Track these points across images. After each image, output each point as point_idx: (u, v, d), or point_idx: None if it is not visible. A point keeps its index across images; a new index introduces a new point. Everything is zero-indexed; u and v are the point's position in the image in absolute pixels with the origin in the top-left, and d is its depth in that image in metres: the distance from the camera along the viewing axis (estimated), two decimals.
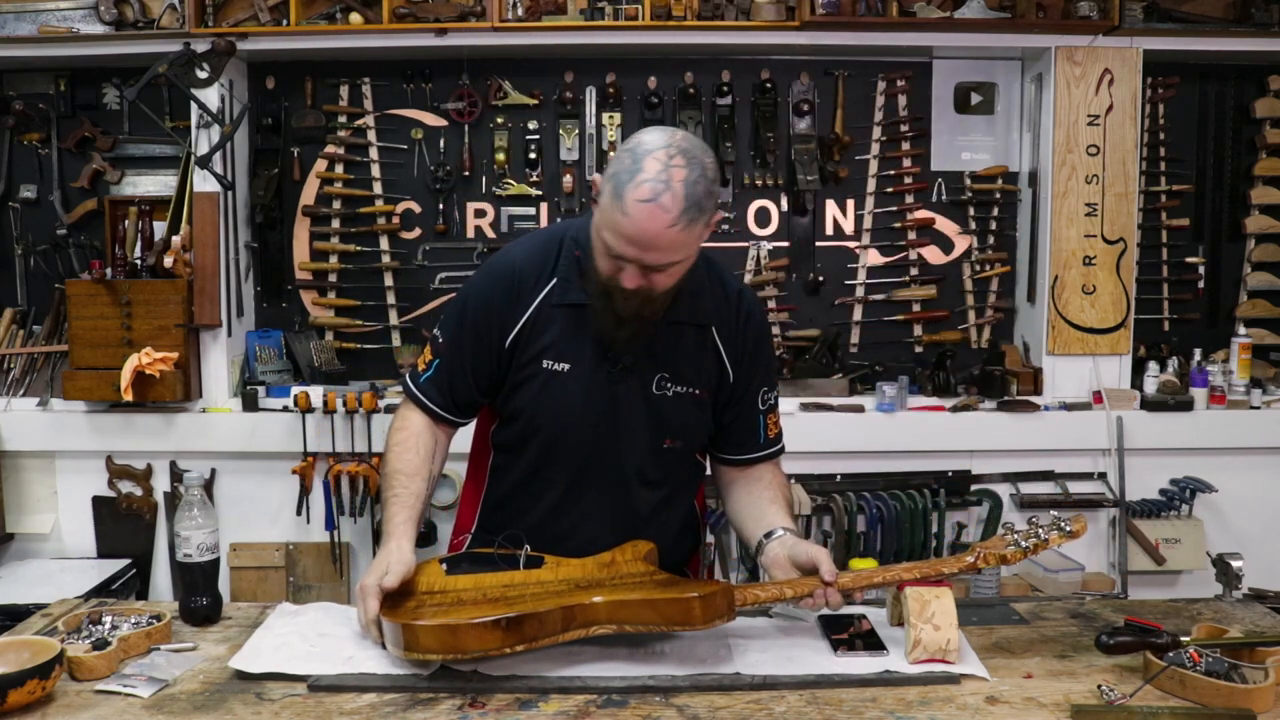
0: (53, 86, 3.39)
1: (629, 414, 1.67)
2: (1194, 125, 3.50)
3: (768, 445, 1.80)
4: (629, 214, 1.46)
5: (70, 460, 3.30)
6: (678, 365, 1.69)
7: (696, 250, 1.57)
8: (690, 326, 1.68)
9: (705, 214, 1.49)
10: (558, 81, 3.40)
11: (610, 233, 1.50)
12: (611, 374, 1.66)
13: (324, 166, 3.41)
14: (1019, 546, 1.57)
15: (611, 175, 1.49)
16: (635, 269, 1.51)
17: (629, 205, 1.46)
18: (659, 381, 1.68)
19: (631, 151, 1.49)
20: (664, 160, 1.46)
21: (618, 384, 1.67)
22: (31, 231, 3.43)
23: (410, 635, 1.43)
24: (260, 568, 3.28)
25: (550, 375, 1.66)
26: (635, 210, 1.46)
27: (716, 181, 1.52)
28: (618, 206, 1.47)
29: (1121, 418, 3.25)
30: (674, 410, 1.69)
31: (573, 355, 1.66)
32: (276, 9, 3.15)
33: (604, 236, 1.52)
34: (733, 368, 1.73)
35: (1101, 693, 1.39)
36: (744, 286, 1.79)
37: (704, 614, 1.44)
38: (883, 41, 3.28)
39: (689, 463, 1.81)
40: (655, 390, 1.68)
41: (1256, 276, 3.52)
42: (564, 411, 1.66)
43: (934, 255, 3.50)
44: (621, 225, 1.47)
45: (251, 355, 3.34)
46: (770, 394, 1.78)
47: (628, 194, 1.46)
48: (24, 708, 1.36)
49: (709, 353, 1.71)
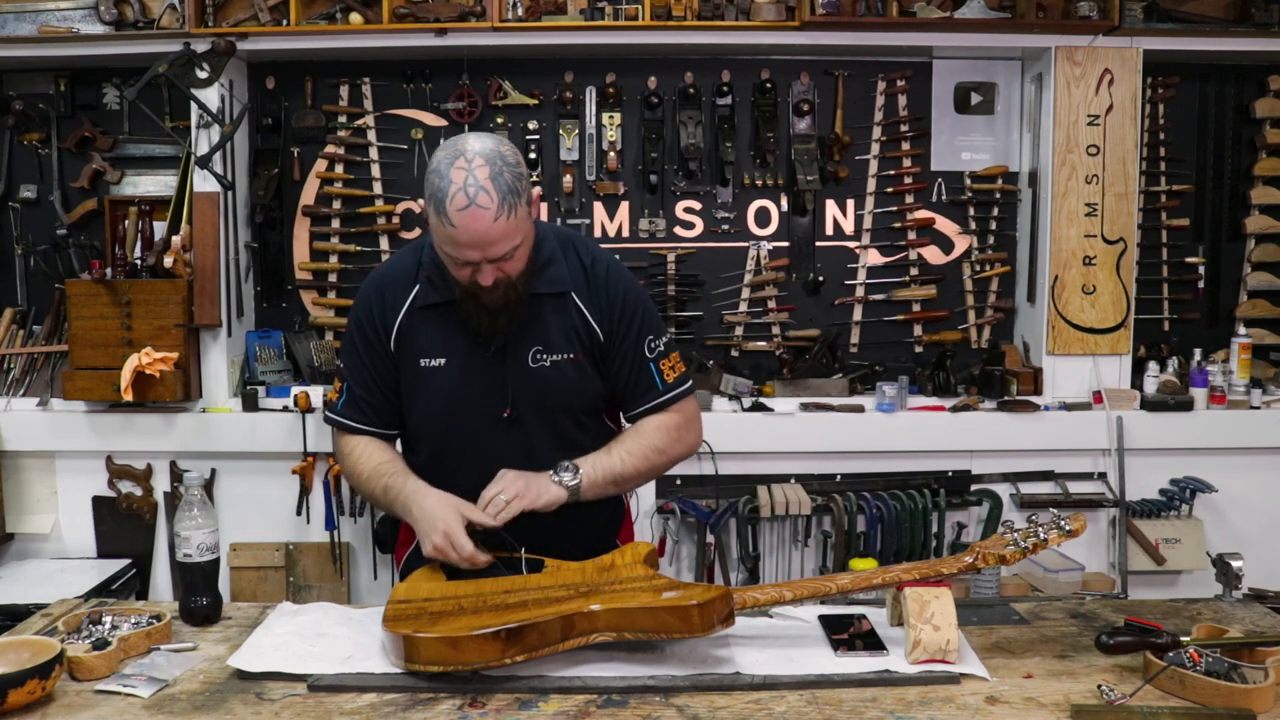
0: (53, 86, 3.39)
1: (513, 391, 1.75)
2: (1194, 125, 3.50)
3: (669, 389, 1.84)
4: (456, 224, 1.58)
5: (70, 460, 3.30)
6: (547, 335, 1.77)
7: (531, 229, 1.69)
8: (549, 297, 1.77)
9: (522, 196, 1.62)
10: (558, 81, 3.40)
11: (449, 246, 1.62)
12: (487, 358, 1.75)
13: (324, 166, 3.41)
14: (1018, 546, 1.57)
15: (429, 198, 1.61)
16: (487, 267, 1.63)
17: (453, 218, 1.58)
18: (534, 354, 1.77)
19: (436, 172, 1.60)
20: (465, 167, 1.58)
21: (496, 366, 1.75)
22: (31, 231, 3.43)
23: (411, 647, 1.43)
24: (260, 568, 3.28)
25: (430, 372, 1.76)
26: (460, 220, 1.57)
27: (520, 164, 1.63)
28: (444, 222, 1.59)
29: (1121, 418, 3.25)
30: (554, 377, 1.77)
31: (447, 350, 1.76)
32: (276, 9, 3.15)
33: (445, 251, 1.64)
34: (599, 325, 1.79)
35: (1101, 693, 1.39)
36: (602, 254, 1.85)
37: (703, 621, 1.44)
38: (883, 41, 3.28)
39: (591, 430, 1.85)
40: (533, 363, 1.76)
41: (1256, 276, 3.52)
42: (452, 402, 1.76)
43: (934, 255, 3.51)
44: (455, 236, 1.59)
45: (251, 355, 3.34)
46: (658, 341, 1.84)
47: (448, 208, 1.57)
48: (24, 708, 1.36)
49: (573, 317, 1.79)
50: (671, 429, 1.84)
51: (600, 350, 1.81)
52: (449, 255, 1.64)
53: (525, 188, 1.63)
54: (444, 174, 1.58)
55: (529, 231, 1.67)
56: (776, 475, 3.23)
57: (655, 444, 1.82)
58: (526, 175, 1.65)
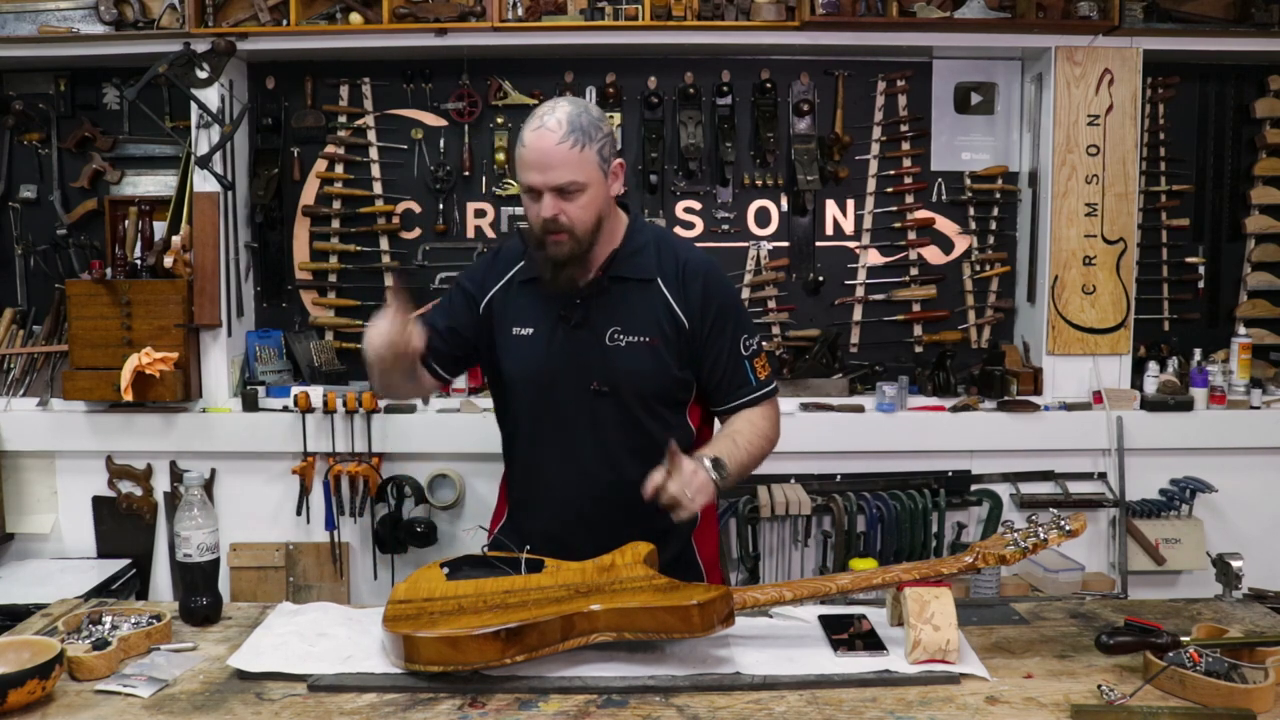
0: (53, 86, 3.39)
1: (595, 367, 1.86)
2: (1194, 125, 3.50)
3: (760, 387, 1.97)
4: (526, 144, 1.77)
5: (70, 460, 3.30)
6: (627, 317, 1.88)
7: (602, 184, 1.82)
8: (634, 282, 1.89)
9: (594, 141, 1.78)
10: (558, 81, 3.40)
11: (520, 173, 1.80)
12: (568, 332, 1.87)
13: (324, 166, 3.41)
14: (1018, 546, 1.57)
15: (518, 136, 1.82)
16: (549, 196, 1.77)
17: (524, 138, 1.78)
18: (612, 334, 1.88)
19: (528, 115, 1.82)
20: (552, 106, 1.80)
21: (575, 340, 1.87)
22: (31, 231, 3.43)
23: (411, 647, 1.43)
24: (260, 568, 3.28)
25: (520, 340, 1.92)
26: (530, 139, 1.77)
27: (604, 121, 1.82)
28: (519, 146, 1.79)
29: (1121, 418, 3.25)
30: (628, 358, 1.87)
31: (535, 321, 1.91)
32: (276, 9, 3.15)
33: (518, 182, 1.83)
34: (686, 316, 1.90)
35: (1101, 693, 1.39)
36: (699, 254, 1.99)
37: (703, 621, 1.44)
38: (883, 41, 3.28)
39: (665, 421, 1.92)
40: (609, 342, 1.87)
41: (1256, 276, 3.51)
42: (534, 367, 1.90)
43: (934, 255, 3.50)
44: (524, 157, 1.78)
45: (251, 355, 3.34)
46: (751, 340, 1.96)
47: (523, 133, 1.78)
48: (24, 708, 1.36)
49: (657, 304, 1.89)
50: (770, 421, 1.97)
51: (685, 340, 1.90)
52: (520, 186, 1.81)
53: (601, 138, 1.80)
54: (533, 112, 1.80)
55: (597, 182, 1.81)
56: (776, 475, 3.23)
57: (763, 432, 1.94)
58: (609, 134, 1.83)
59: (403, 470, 3.23)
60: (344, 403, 3.14)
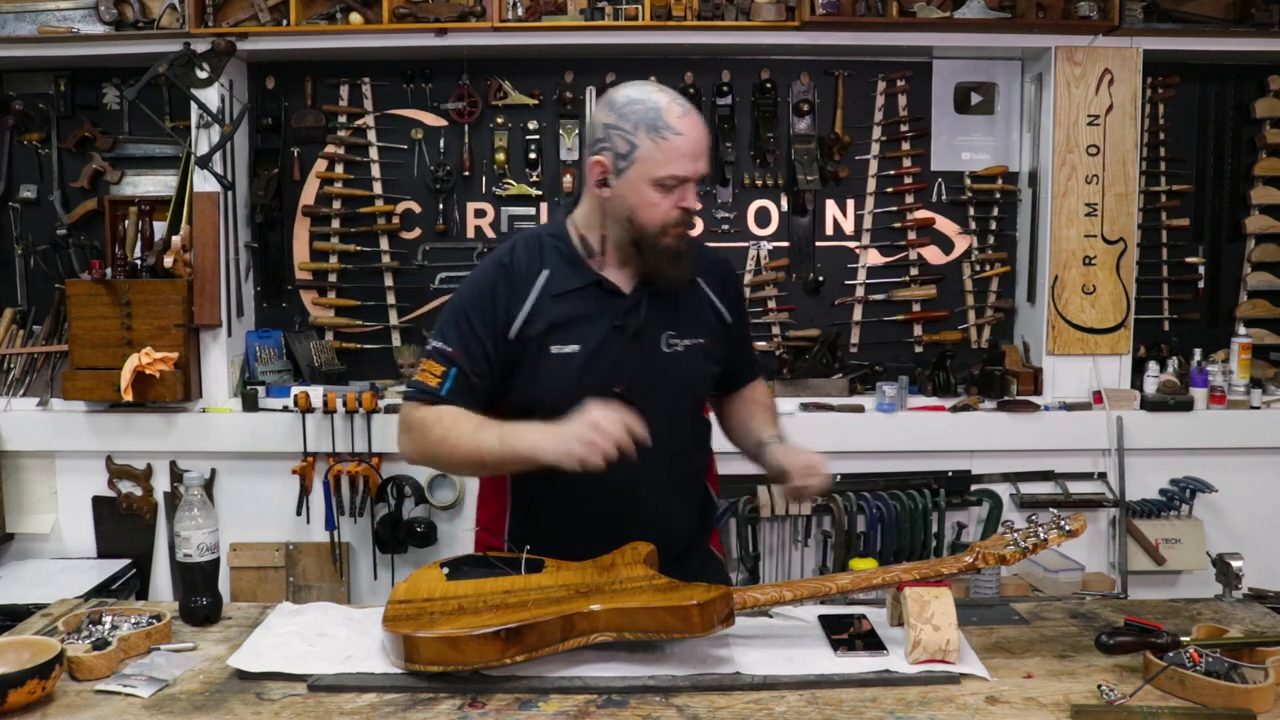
0: (53, 86, 3.39)
1: (647, 376, 1.74)
2: (1194, 125, 3.50)
3: (755, 364, 2.02)
4: (681, 131, 1.63)
5: (70, 460, 3.30)
6: (679, 320, 1.79)
7: None
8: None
9: None
10: (558, 81, 3.40)
11: (666, 164, 1.64)
12: (623, 343, 1.73)
13: (324, 166, 3.41)
14: (1018, 546, 1.57)
15: (636, 126, 1.64)
16: (693, 186, 1.69)
17: (676, 125, 1.63)
18: (668, 339, 1.78)
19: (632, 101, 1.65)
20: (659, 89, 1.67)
21: (629, 350, 1.74)
22: (31, 231, 3.43)
23: (411, 647, 1.43)
24: (260, 568, 3.28)
25: (561, 359, 1.72)
26: (684, 125, 1.63)
27: None
28: (665, 133, 1.63)
29: (1121, 418, 3.25)
30: (686, 363, 1.80)
31: (580, 336, 1.72)
32: (276, 9, 3.15)
33: (658, 175, 1.65)
34: (729, 312, 1.88)
35: (1101, 693, 1.39)
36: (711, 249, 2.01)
37: (703, 621, 1.44)
38: (883, 41, 3.28)
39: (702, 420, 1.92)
40: (666, 348, 1.78)
41: (1256, 276, 3.52)
42: (580, 390, 1.66)
43: (934, 255, 3.50)
44: (679, 145, 1.63)
45: (251, 355, 3.34)
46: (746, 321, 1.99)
47: (668, 120, 1.63)
48: (24, 708, 1.36)
49: (702, 303, 1.85)
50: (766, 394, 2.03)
51: (725, 335, 1.87)
52: (658, 179, 1.65)
53: None
54: (644, 98, 1.65)
55: None
56: None
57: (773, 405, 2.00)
58: None
59: (403, 470, 3.23)
60: (344, 403, 3.14)
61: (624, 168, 1.66)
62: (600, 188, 1.70)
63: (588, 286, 1.74)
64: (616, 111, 1.66)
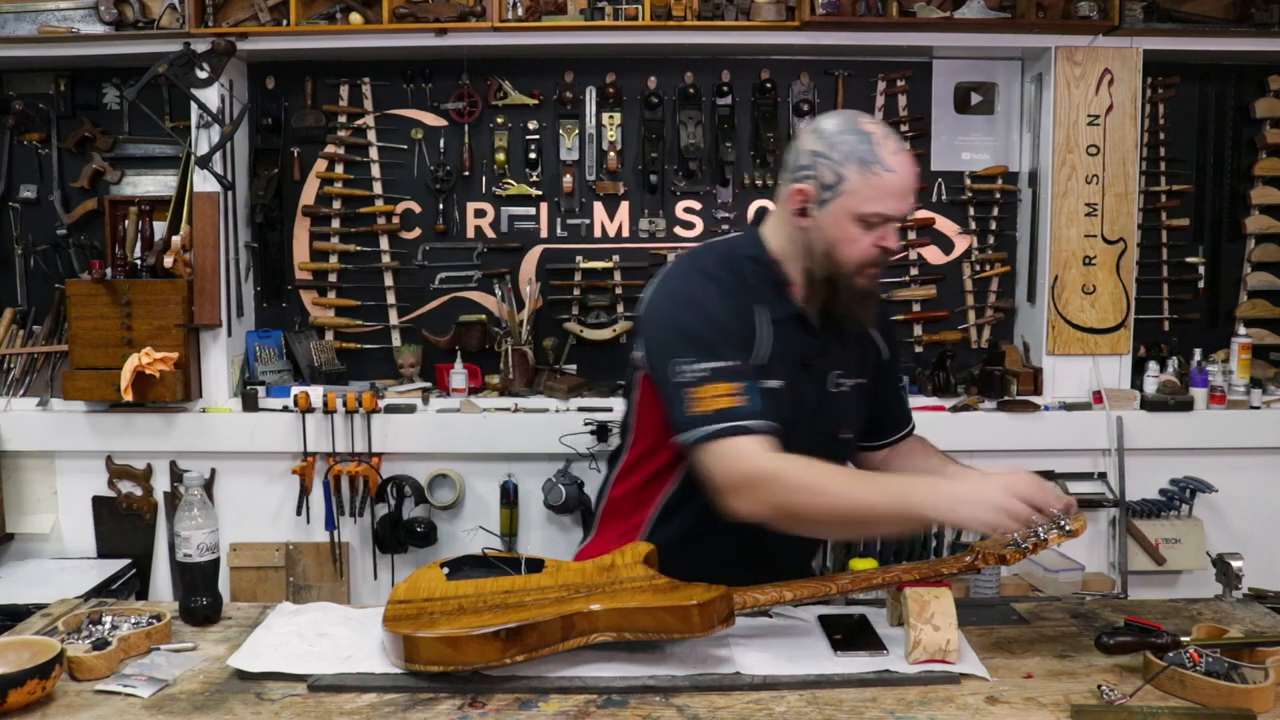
0: (53, 86, 3.39)
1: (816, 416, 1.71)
2: (1194, 125, 3.50)
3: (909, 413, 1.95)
4: (894, 169, 1.57)
5: (70, 460, 3.30)
6: (847, 358, 1.76)
7: None
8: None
9: None
10: (558, 81, 3.40)
11: (873, 200, 1.58)
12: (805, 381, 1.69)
13: (324, 166, 3.41)
14: (1018, 546, 1.57)
15: (846, 158, 1.58)
16: (895, 227, 1.63)
17: (889, 162, 1.57)
18: (835, 379, 1.75)
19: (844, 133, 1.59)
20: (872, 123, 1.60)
21: (809, 389, 1.71)
22: (31, 231, 3.43)
23: (411, 647, 1.43)
24: (260, 568, 3.28)
25: (766, 394, 1.60)
26: (896, 162, 1.58)
27: None
28: (878, 170, 1.57)
29: (1121, 418, 3.25)
30: (849, 403, 1.77)
31: (782, 371, 1.65)
32: (276, 9, 3.15)
33: (863, 211, 1.59)
34: (884, 345, 1.83)
35: (1101, 693, 1.39)
36: None
37: (703, 621, 1.44)
38: (883, 41, 3.28)
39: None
40: (833, 388, 1.75)
41: (1256, 276, 3.51)
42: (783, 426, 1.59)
43: (934, 255, 3.50)
44: (889, 183, 1.57)
45: (251, 355, 3.34)
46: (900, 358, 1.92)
47: (882, 156, 1.57)
48: (24, 708, 1.36)
49: (864, 340, 1.80)
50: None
51: (879, 373, 1.82)
52: (863, 215, 1.59)
53: None
54: (857, 130, 1.59)
55: None
56: None
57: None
58: None
59: (403, 470, 3.23)
60: (344, 403, 3.14)
61: (828, 199, 1.61)
62: (798, 216, 1.65)
63: (790, 318, 1.67)
64: (826, 140, 1.60)
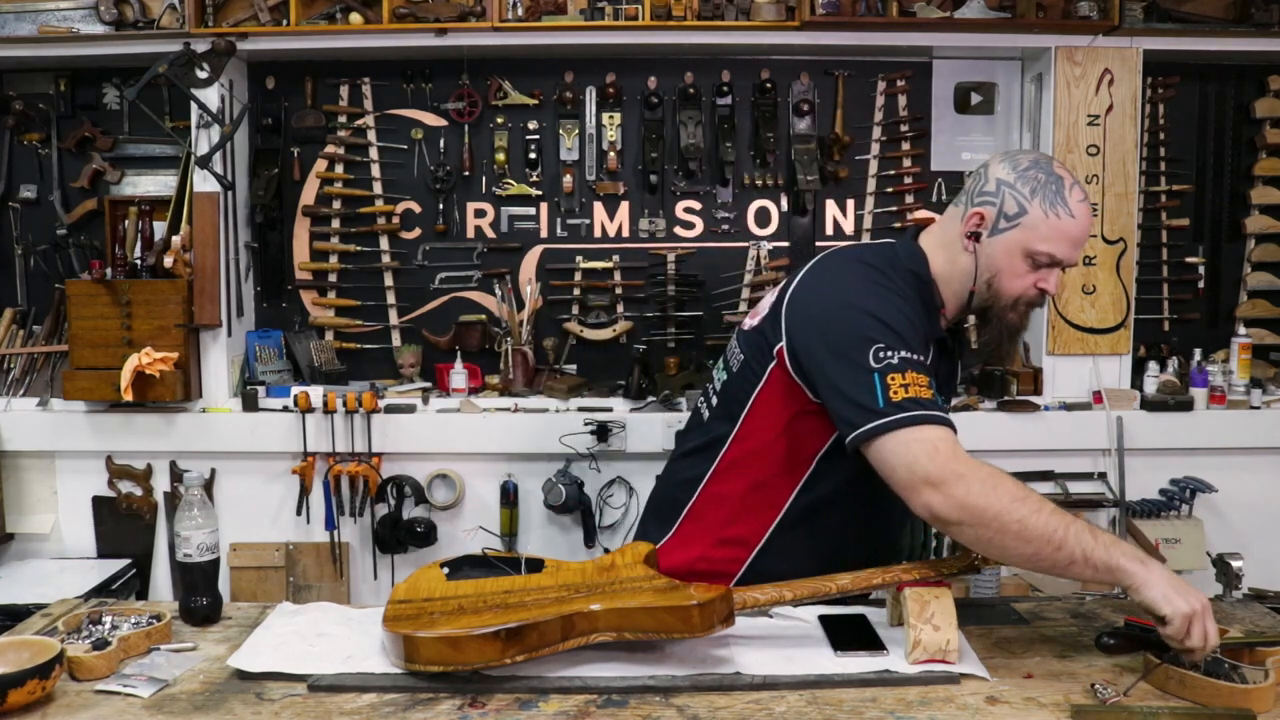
0: (53, 86, 3.39)
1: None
2: (1194, 125, 3.50)
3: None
4: (1076, 215, 1.60)
5: (70, 460, 3.30)
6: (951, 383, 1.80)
7: None
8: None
9: None
10: (558, 81, 3.40)
11: (1049, 240, 1.61)
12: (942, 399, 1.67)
13: (324, 166, 3.41)
14: None
15: (1032, 194, 1.61)
16: (1059, 273, 1.65)
17: (1074, 207, 1.60)
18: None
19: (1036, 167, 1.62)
20: (1064, 166, 1.63)
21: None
22: (31, 231, 3.43)
23: (411, 647, 1.43)
24: (260, 568, 3.28)
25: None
26: (1080, 210, 1.60)
27: None
28: (1061, 212, 1.60)
29: (1121, 418, 3.25)
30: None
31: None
32: (276, 9, 3.15)
33: (1036, 248, 1.62)
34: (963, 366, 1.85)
35: (1094, 691, 1.39)
36: None
37: (703, 621, 1.44)
38: (883, 41, 3.28)
39: None
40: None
41: (1256, 276, 3.51)
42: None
43: None
44: (1068, 227, 1.60)
45: (251, 355, 3.34)
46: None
47: (1068, 199, 1.60)
48: (24, 708, 1.36)
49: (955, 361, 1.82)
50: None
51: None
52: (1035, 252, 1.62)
53: None
54: (1050, 171, 1.61)
55: None
56: None
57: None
58: None
59: (403, 470, 3.23)
60: (344, 403, 3.14)
61: (1005, 228, 1.63)
62: (969, 238, 1.67)
63: (938, 341, 1.69)
64: (1017, 172, 1.63)
